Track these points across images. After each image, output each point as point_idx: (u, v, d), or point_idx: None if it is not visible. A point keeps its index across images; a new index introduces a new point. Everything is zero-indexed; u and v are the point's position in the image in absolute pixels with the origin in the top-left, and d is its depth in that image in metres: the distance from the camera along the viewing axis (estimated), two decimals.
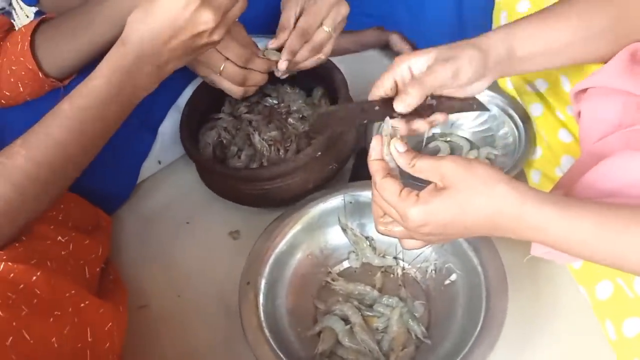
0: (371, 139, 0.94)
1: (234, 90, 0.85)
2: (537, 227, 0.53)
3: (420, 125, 0.66)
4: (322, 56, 0.86)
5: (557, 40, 0.66)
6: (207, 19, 0.65)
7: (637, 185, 0.57)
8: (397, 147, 0.59)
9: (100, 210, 0.87)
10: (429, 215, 0.55)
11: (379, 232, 0.64)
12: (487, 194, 0.53)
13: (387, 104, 0.64)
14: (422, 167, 0.57)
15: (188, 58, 0.70)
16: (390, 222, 0.61)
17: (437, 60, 0.63)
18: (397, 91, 0.65)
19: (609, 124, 0.65)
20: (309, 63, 0.86)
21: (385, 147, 0.60)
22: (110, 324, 0.65)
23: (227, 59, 0.81)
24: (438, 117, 0.66)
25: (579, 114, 0.70)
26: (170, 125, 0.98)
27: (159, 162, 1.00)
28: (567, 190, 0.61)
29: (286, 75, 0.86)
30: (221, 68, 0.81)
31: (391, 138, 0.60)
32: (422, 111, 0.64)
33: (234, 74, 0.82)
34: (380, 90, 0.65)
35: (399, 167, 0.60)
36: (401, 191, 0.57)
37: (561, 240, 0.53)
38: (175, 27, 0.64)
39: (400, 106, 0.63)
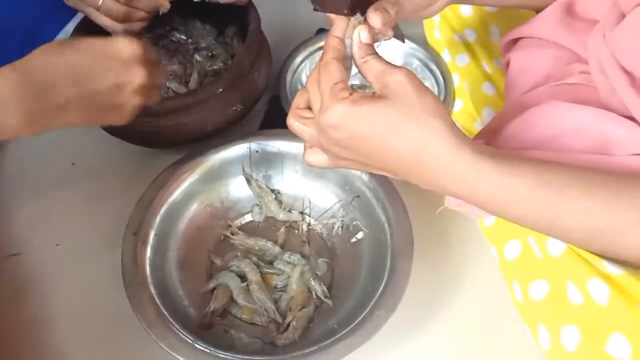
0: (285, 86, 0.90)
1: (115, 27, 0.74)
2: (467, 179, 0.46)
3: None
4: None
5: None
6: None
7: (562, 137, 0.54)
8: (362, 35, 0.51)
9: None
10: (348, 119, 0.48)
11: (288, 125, 0.55)
12: (423, 124, 0.46)
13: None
14: (372, 67, 0.49)
15: None
16: (307, 118, 0.53)
17: None
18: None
19: (538, 77, 0.61)
20: None
21: (350, 29, 0.53)
22: None
23: None
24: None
25: (507, 65, 0.67)
26: None
27: None
28: (488, 141, 0.57)
29: None
30: (99, 3, 0.71)
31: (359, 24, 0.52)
32: None
33: (115, 9, 0.72)
34: None
35: (353, 63, 0.53)
36: (339, 82, 0.49)
37: (492, 196, 0.47)
38: None
39: (376, 21, 0.54)
